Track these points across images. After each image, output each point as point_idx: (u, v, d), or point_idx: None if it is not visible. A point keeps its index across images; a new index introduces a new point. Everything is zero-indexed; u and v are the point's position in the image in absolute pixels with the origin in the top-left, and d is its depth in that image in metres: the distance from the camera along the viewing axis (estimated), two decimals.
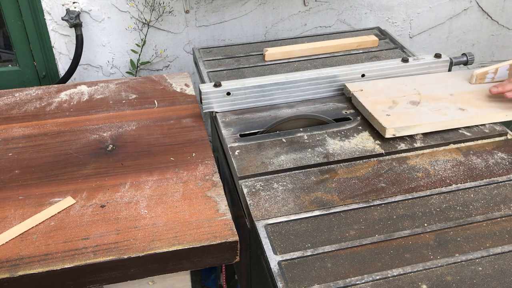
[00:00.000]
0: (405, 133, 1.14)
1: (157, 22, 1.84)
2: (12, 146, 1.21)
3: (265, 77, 1.30)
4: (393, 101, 1.22)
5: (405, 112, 1.19)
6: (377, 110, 1.19)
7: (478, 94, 1.26)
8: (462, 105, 1.21)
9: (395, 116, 1.17)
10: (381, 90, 1.28)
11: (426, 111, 1.19)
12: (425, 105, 1.21)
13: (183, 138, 1.23)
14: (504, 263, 0.85)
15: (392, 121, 1.15)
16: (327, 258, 0.87)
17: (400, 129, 1.13)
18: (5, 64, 1.92)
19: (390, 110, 1.19)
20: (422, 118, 1.16)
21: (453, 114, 1.18)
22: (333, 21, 2.01)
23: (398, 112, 1.18)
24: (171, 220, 0.98)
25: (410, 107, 1.20)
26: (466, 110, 1.19)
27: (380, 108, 1.20)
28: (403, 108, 1.20)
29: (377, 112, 1.18)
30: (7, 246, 0.93)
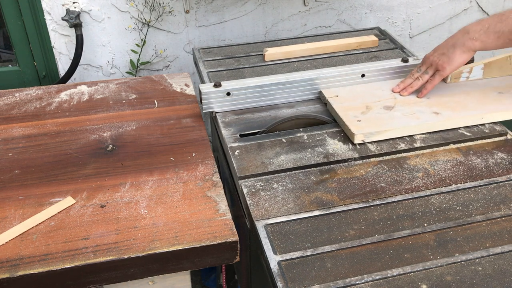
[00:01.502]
0: (375, 138, 1.13)
1: (157, 22, 1.84)
2: (12, 146, 1.21)
3: (265, 77, 1.30)
4: (367, 107, 1.21)
5: (377, 117, 1.18)
6: (349, 116, 1.18)
7: (457, 96, 1.25)
8: (438, 109, 1.20)
9: (366, 122, 1.16)
10: (357, 95, 1.27)
11: (399, 115, 1.18)
12: (399, 110, 1.20)
13: (183, 138, 1.23)
14: (504, 263, 0.85)
15: (362, 127, 1.14)
16: (327, 258, 0.87)
17: (369, 134, 1.12)
18: (5, 64, 1.92)
19: (362, 116, 1.18)
20: (393, 123, 1.15)
21: (426, 118, 1.17)
22: (333, 21, 2.01)
23: (370, 117, 1.18)
24: (171, 220, 0.98)
25: (383, 112, 1.20)
26: (440, 113, 1.18)
27: (352, 114, 1.19)
28: (376, 113, 1.19)
29: (348, 118, 1.17)
30: (7, 246, 0.93)
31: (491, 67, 1.32)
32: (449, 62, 1.18)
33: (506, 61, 1.32)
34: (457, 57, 1.17)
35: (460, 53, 1.17)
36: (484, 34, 1.13)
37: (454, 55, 1.17)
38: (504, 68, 1.33)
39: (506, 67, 1.33)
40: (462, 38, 1.16)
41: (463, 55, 1.17)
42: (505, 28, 1.11)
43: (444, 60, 1.19)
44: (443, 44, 1.21)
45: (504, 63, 1.32)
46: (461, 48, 1.16)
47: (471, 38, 1.15)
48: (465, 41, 1.16)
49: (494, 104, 1.22)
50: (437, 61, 1.21)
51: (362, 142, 1.13)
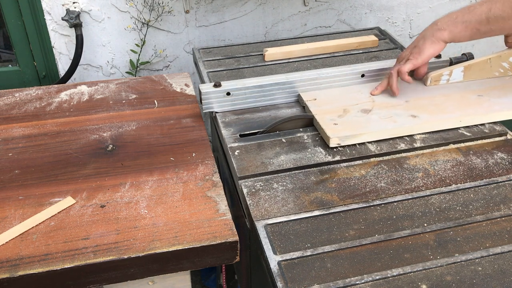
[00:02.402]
0: (350, 142, 1.12)
1: (157, 22, 1.84)
2: (12, 146, 1.21)
3: (265, 77, 1.30)
4: (344, 110, 1.20)
5: (354, 120, 1.17)
6: (325, 120, 1.17)
7: (436, 99, 1.24)
8: (415, 112, 1.19)
9: (342, 125, 1.15)
10: (335, 98, 1.26)
11: (376, 119, 1.17)
12: (376, 113, 1.19)
13: (183, 138, 1.23)
14: (504, 263, 0.85)
15: (338, 130, 1.13)
16: (326, 258, 0.87)
17: (344, 138, 1.12)
18: (5, 64, 1.92)
19: (339, 119, 1.17)
20: (369, 127, 1.14)
21: (403, 122, 1.16)
22: (333, 21, 2.01)
23: (346, 121, 1.17)
24: (171, 220, 0.98)
25: (360, 115, 1.19)
26: (418, 117, 1.17)
27: (328, 117, 1.18)
28: (353, 116, 1.18)
29: (324, 121, 1.16)
30: (7, 246, 0.93)
31: (471, 69, 1.31)
32: (420, 53, 1.19)
33: (487, 63, 1.31)
34: (427, 47, 1.18)
35: (430, 44, 1.17)
36: (453, 25, 1.14)
37: (424, 46, 1.18)
38: (485, 70, 1.32)
39: (486, 69, 1.31)
40: (431, 29, 1.18)
41: (433, 45, 1.17)
42: (472, 18, 1.12)
43: (416, 52, 1.20)
44: (414, 40, 1.22)
45: (484, 65, 1.31)
46: (430, 39, 1.17)
47: (439, 29, 1.16)
48: (434, 32, 1.17)
49: (473, 107, 1.21)
50: (409, 55, 1.21)
51: (337, 146, 1.12)
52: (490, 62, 1.31)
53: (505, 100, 1.23)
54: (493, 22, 1.10)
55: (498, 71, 1.32)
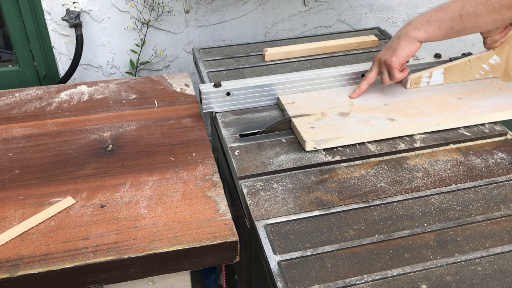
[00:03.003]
0: (326, 145, 1.11)
1: (157, 22, 1.84)
2: (12, 146, 1.21)
3: (265, 77, 1.30)
4: (322, 113, 1.19)
5: (331, 124, 1.16)
6: (302, 123, 1.16)
7: (415, 102, 1.23)
8: (393, 115, 1.18)
9: (319, 129, 1.14)
10: (314, 101, 1.25)
11: (353, 122, 1.16)
12: (354, 116, 1.18)
13: (183, 138, 1.23)
14: (504, 263, 0.85)
15: (314, 134, 1.12)
16: (326, 258, 0.87)
17: (320, 141, 1.11)
18: (5, 64, 1.92)
19: (316, 122, 1.16)
20: (345, 130, 1.13)
21: (380, 125, 1.15)
22: (333, 21, 2.01)
23: (324, 124, 1.16)
24: (171, 220, 0.98)
25: (338, 118, 1.18)
26: (395, 120, 1.17)
27: (306, 121, 1.17)
28: (331, 120, 1.17)
29: (301, 124, 1.15)
30: (7, 246, 0.93)
31: (451, 71, 1.30)
32: (395, 54, 1.17)
33: (466, 65, 1.30)
34: (402, 47, 1.16)
35: (405, 44, 1.16)
36: (426, 24, 1.13)
37: (399, 47, 1.17)
38: (465, 72, 1.31)
39: (466, 71, 1.30)
40: (406, 29, 1.17)
41: (408, 45, 1.16)
42: (445, 16, 1.11)
43: (391, 53, 1.18)
44: (390, 41, 1.21)
45: (464, 67, 1.30)
46: (405, 39, 1.16)
47: (414, 28, 1.15)
48: (409, 32, 1.16)
49: (451, 110, 1.20)
50: (384, 57, 1.20)
51: (313, 149, 1.11)
52: (470, 64, 1.29)
53: (484, 103, 1.22)
54: (466, 19, 1.09)
55: (479, 73, 1.31)
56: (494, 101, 1.23)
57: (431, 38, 1.15)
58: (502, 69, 1.31)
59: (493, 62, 1.29)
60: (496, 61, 1.29)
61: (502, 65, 1.30)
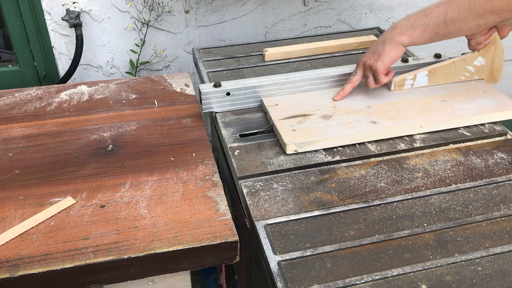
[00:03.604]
0: (307, 148, 1.11)
1: (156, 22, 1.84)
2: (12, 146, 1.21)
3: (265, 77, 1.30)
4: (305, 116, 1.18)
5: (313, 127, 1.15)
6: (284, 126, 1.15)
7: (398, 105, 1.22)
8: (376, 118, 1.17)
9: (300, 132, 1.13)
10: (297, 104, 1.24)
11: (335, 125, 1.16)
12: (336, 119, 1.18)
13: (183, 138, 1.23)
14: (504, 263, 0.85)
15: (296, 137, 1.11)
16: (326, 258, 0.87)
17: (301, 144, 1.10)
18: (5, 64, 1.92)
19: (298, 125, 1.15)
20: (327, 133, 1.13)
21: (362, 128, 1.14)
22: (333, 21, 2.01)
23: (305, 127, 1.15)
24: (171, 220, 0.98)
25: (320, 121, 1.17)
26: (378, 123, 1.16)
27: (288, 123, 1.16)
28: (313, 122, 1.17)
29: (283, 127, 1.15)
30: (7, 246, 0.93)
31: (435, 73, 1.29)
32: (381, 59, 1.17)
33: (451, 67, 1.29)
34: (387, 52, 1.16)
35: (390, 48, 1.16)
36: (411, 28, 1.13)
37: (384, 51, 1.16)
38: (450, 74, 1.30)
39: (451, 73, 1.29)
40: (390, 34, 1.16)
41: (393, 50, 1.16)
42: (430, 21, 1.11)
43: (376, 58, 1.18)
44: (374, 44, 1.21)
45: (449, 69, 1.29)
46: (390, 43, 1.15)
47: (398, 33, 1.14)
48: (393, 36, 1.15)
49: (435, 113, 1.19)
50: (368, 61, 1.19)
51: (294, 152, 1.11)
52: (455, 65, 1.28)
53: (468, 105, 1.21)
54: (451, 24, 1.09)
55: (464, 75, 1.30)
56: (478, 103, 1.22)
57: (415, 43, 1.14)
58: (488, 71, 1.30)
59: (478, 63, 1.29)
60: (481, 63, 1.28)
61: (487, 67, 1.29)
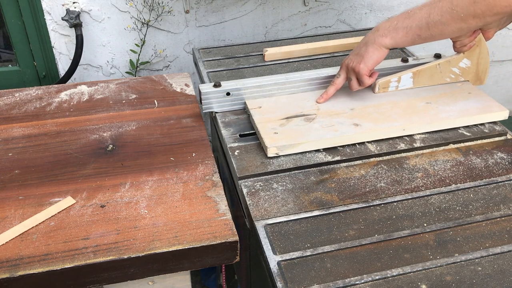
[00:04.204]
0: (289, 151, 1.10)
1: (157, 22, 1.84)
2: (12, 146, 1.21)
3: (265, 77, 1.30)
4: (287, 118, 1.18)
5: (295, 129, 1.14)
6: (267, 128, 1.14)
7: (382, 107, 1.21)
8: (359, 120, 1.17)
9: (282, 134, 1.12)
10: (280, 106, 1.23)
11: (317, 127, 1.15)
12: (319, 122, 1.17)
13: (183, 138, 1.23)
14: (504, 263, 0.86)
15: (277, 140, 1.11)
16: (326, 258, 0.87)
17: (282, 147, 1.09)
18: (5, 64, 1.92)
19: (280, 128, 1.15)
20: (309, 136, 1.12)
21: (344, 130, 1.13)
22: (333, 21, 2.01)
23: (288, 129, 1.14)
24: (171, 220, 0.98)
25: (302, 124, 1.16)
26: (360, 125, 1.15)
27: (270, 126, 1.15)
28: (295, 125, 1.16)
29: (265, 130, 1.14)
30: (7, 246, 0.93)
31: (420, 75, 1.28)
32: (364, 61, 1.16)
33: (436, 69, 1.28)
34: (370, 54, 1.16)
35: (373, 50, 1.15)
36: (394, 31, 1.13)
37: (367, 53, 1.16)
38: (435, 76, 1.29)
39: (436, 75, 1.29)
40: (373, 36, 1.16)
41: (376, 52, 1.15)
42: (412, 23, 1.10)
43: (359, 60, 1.17)
44: (357, 46, 1.20)
45: (434, 71, 1.28)
46: (372, 45, 1.15)
47: (381, 35, 1.14)
48: (376, 38, 1.15)
49: (418, 115, 1.18)
50: (351, 63, 1.19)
51: (275, 156, 1.10)
52: (440, 67, 1.27)
53: (452, 107, 1.20)
54: (433, 27, 1.08)
55: (449, 77, 1.29)
56: (463, 105, 1.21)
57: (398, 45, 1.14)
58: (473, 73, 1.29)
59: (463, 65, 1.28)
60: (466, 65, 1.28)
61: (473, 69, 1.28)
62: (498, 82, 2.37)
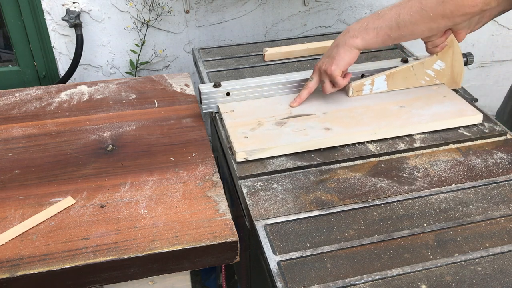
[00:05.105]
0: (258, 156, 1.09)
1: (156, 22, 1.84)
2: (12, 146, 1.21)
3: (265, 77, 1.30)
4: (259, 122, 1.16)
5: (266, 134, 1.13)
6: (237, 133, 1.13)
7: (354, 111, 1.20)
8: (330, 124, 1.15)
9: (252, 139, 1.11)
10: (253, 110, 1.22)
11: (288, 132, 1.14)
12: (290, 126, 1.16)
13: (183, 138, 1.23)
14: (504, 263, 0.86)
15: (246, 144, 1.09)
16: (326, 258, 0.87)
17: (251, 152, 1.08)
18: (5, 64, 1.92)
19: (251, 132, 1.13)
20: (279, 140, 1.11)
21: (314, 135, 1.12)
22: (333, 21, 2.01)
23: (258, 134, 1.13)
24: (171, 220, 0.98)
25: (273, 128, 1.15)
26: (331, 129, 1.14)
27: (241, 130, 1.14)
28: (266, 129, 1.15)
29: (235, 135, 1.13)
30: (7, 246, 0.93)
31: (394, 78, 1.26)
32: (335, 63, 1.16)
33: (410, 71, 1.26)
34: (342, 55, 1.15)
35: (344, 52, 1.15)
36: (364, 31, 1.12)
37: (338, 55, 1.15)
38: (409, 79, 1.27)
39: (410, 78, 1.27)
40: (344, 37, 1.15)
41: (347, 53, 1.15)
42: (382, 24, 1.10)
43: (330, 62, 1.16)
44: (328, 48, 1.19)
45: (408, 73, 1.26)
46: (343, 47, 1.15)
47: (351, 36, 1.14)
48: (347, 40, 1.14)
49: (390, 119, 1.17)
50: (323, 65, 1.18)
51: (244, 160, 1.09)
52: (414, 70, 1.26)
53: (426, 111, 1.19)
54: (403, 27, 1.08)
55: (424, 79, 1.28)
56: (436, 109, 1.20)
57: (369, 46, 1.14)
58: (448, 75, 1.28)
59: (437, 67, 1.26)
60: (440, 67, 1.26)
61: (448, 71, 1.27)
62: (498, 82, 2.37)
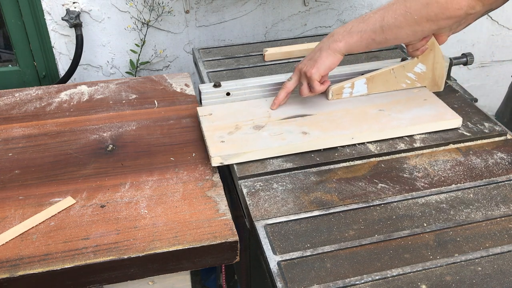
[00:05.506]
0: (233, 161, 1.08)
1: (157, 22, 1.84)
2: (12, 146, 1.21)
3: (265, 77, 1.30)
4: (237, 126, 1.15)
5: (242, 138, 1.12)
6: (213, 137, 1.12)
7: (333, 115, 1.19)
8: (308, 129, 1.14)
9: (229, 143, 1.10)
10: (232, 113, 1.21)
11: (265, 136, 1.12)
12: (268, 130, 1.14)
13: (183, 138, 1.23)
14: (504, 263, 0.86)
15: (222, 149, 1.09)
16: (326, 258, 0.87)
17: (227, 157, 1.07)
18: (5, 64, 1.92)
19: (228, 136, 1.12)
20: (255, 145, 1.09)
21: (292, 139, 1.11)
22: (333, 21, 2.02)
23: (235, 138, 1.12)
24: (171, 220, 0.98)
25: (251, 132, 1.14)
26: (309, 133, 1.13)
27: (218, 134, 1.13)
28: (243, 133, 1.14)
29: (212, 138, 1.12)
30: (7, 246, 0.93)
31: (374, 81, 1.25)
32: (316, 66, 1.14)
33: (390, 74, 1.25)
34: (324, 59, 1.14)
35: (326, 56, 1.14)
36: (348, 35, 1.11)
37: (320, 59, 1.14)
38: (390, 82, 1.26)
39: (391, 81, 1.26)
40: (327, 41, 1.14)
41: (330, 57, 1.13)
42: (367, 27, 1.09)
43: (311, 65, 1.15)
44: (312, 51, 1.19)
45: (388, 76, 1.25)
46: (326, 51, 1.13)
47: (335, 40, 1.13)
48: (330, 44, 1.13)
49: (369, 122, 1.15)
50: (304, 68, 1.17)
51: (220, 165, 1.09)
52: (394, 73, 1.25)
53: (405, 115, 1.18)
54: (387, 30, 1.07)
55: (405, 83, 1.27)
56: (416, 113, 1.18)
57: (353, 50, 1.13)
58: (430, 78, 1.27)
59: (418, 70, 1.25)
60: (421, 70, 1.25)
61: (429, 74, 1.26)
62: (498, 82, 2.37)
